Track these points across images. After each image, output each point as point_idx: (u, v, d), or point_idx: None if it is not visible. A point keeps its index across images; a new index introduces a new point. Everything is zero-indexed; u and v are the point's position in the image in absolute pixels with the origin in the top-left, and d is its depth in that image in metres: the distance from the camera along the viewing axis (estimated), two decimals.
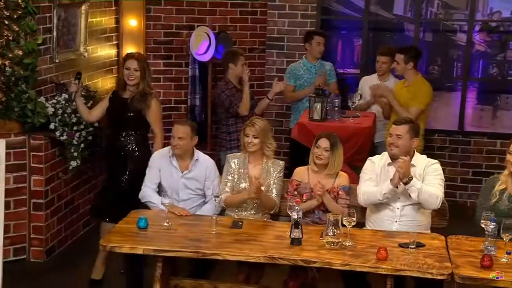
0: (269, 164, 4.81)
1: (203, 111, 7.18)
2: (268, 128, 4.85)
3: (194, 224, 4.39)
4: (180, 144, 4.81)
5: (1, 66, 5.20)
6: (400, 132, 4.49)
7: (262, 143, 4.74)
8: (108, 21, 6.83)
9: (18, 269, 5.40)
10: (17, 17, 5.24)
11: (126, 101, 5.16)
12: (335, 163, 4.65)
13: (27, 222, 5.55)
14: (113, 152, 5.22)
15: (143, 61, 5.20)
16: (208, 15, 7.36)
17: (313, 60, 6.73)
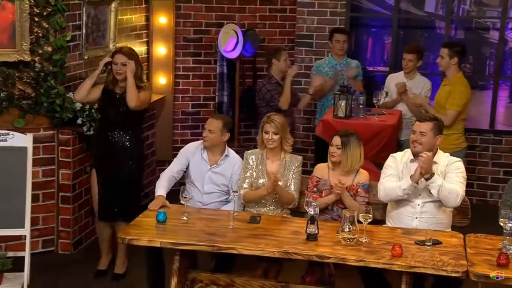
0: (287, 159, 4.84)
1: (230, 108, 7.24)
2: (286, 124, 4.89)
3: (212, 219, 4.44)
4: (209, 137, 4.90)
5: (31, 62, 5.33)
6: (424, 129, 4.47)
7: (282, 139, 4.77)
8: (139, 18, 6.93)
9: (46, 261, 5.53)
10: (47, 14, 5.36)
11: (117, 96, 5.11)
12: (348, 161, 4.64)
13: (55, 215, 5.67)
14: (107, 149, 5.14)
15: (132, 56, 5.09)
16: (237, 13, 7.41)
17: (338, 57, 6.72)
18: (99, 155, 5.26)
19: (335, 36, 6.68)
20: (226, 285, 4.28)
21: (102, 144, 5.18)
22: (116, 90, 5.13)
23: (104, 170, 5.18)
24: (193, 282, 4.32)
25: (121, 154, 5.10)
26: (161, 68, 7.21)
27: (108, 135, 5.12)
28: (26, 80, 5.36)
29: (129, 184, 5.16)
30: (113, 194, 5.13)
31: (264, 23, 7.59)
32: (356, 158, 4.66)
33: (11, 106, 5.34)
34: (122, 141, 5.11)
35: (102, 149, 5.18)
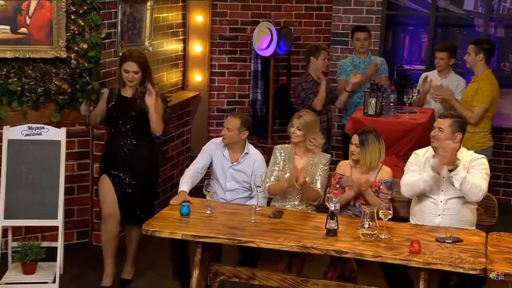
0: (315, 157, 4.86)
1: (264, 106, 7.29)
2: (315, 123, 4.89)
3: (235, 213, 4.50)
4: (227, 135, 4.96)
5: (67, 59, 5.48)
6: (442, 125, 4.46)
7: (305, 136, 4.80)
8: (175, 17, 7.05)
9: (81, 252, 5.68)
10: (83, 12, 5.51)
11: (128, 99, 4.91)
12: (366, 159, 4.64)
13: (89, 208, 5.82)
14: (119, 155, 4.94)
15: (142, 61, 4.86)
16: (273, 11, 7.47)
17: (360, 55, 6.72)
18: (111, 161, 5.01)
19: (356, 34, 6.68)
20: (247, 278, 4.33)
21: (113, 150, 4.99)
22: (124, 93, 4.95)
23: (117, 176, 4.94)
24: (215, 275, 4.39)
25: (134, 160, 4.92)
26: (197, 65, 7.33)
27: (120, 140, 4.94)
28: (62, 76, 5.52)
29: (144, 190, 4.98)
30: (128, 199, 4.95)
31: (300, 21, 7.63)
32: (374, 155, 4.65)
33: (48, 101, 5.50)
34: (134, 146, 4.93)
35: (114, 155, 4.97)
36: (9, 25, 5.31)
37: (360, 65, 6.68)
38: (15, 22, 5.32)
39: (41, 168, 5.06)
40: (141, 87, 4.86)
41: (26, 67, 5.41)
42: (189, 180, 4.86)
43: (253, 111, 7.34)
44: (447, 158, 4.32)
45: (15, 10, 5.31)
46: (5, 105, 5.37)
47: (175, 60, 7.14)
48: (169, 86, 7.01)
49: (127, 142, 4.92)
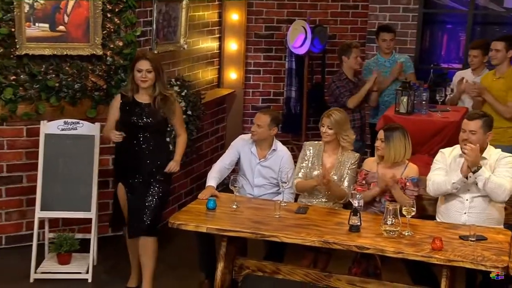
0: (344, 154, 4.90)
1: (298, 103, 7.34)
2: (345, 121, 4.92)
3: (260, 208, 4.57)
4: (257, 131, 5.03)
5: (103, 56, 5.63)
6: (474, 127, 4.41)
7: (337, 134, 4.83)
8: (211, 15, 7.15)
9: (114, 244, 5.78)
10: (119, 10, 5.64)
11: (144, 106, 4.69)
12: (390, 154, 4.65)
13: None
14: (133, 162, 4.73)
15: (156, 61, 4.69)
16: (308, 9, 7.50)
17: (385, 55, 6.72)
18: (124, 168, 4.80)
19: (381, 35, 6.69)
20: (272, 272, 4.39)
21: (127, 157, 4.75)
22: (139, 99, 4.71)
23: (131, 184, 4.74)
24: (240, 268, 4.46)
25: (148, 167, 4.71)
26: (232, 63, 7.42)
27: (135, 147, 4.70)
28: (98, 73, 5.66)
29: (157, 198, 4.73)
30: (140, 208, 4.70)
31: (336, 20, 7.65)
32: (399, 151, 4.66)
33: (84, 97, 5.65)
34: (150, 154, 4.73)
35: (128, 162, 4.75)
36: (48, 23, 5.47)
37: (384, 64, 6.68)
38: (54, 20, 5.48)
39: (76, 162, 5.23)
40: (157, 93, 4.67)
41: (63, 64, 5.57)
42: (217, 175, 4.94)
43: (287, 109, 7.40)
44: (471, 162, 4.30)
45: (53, 9, 5.47)
46: (44, 100, 5.54)
47: (211, 58, 7.24)
48: (204, 84, 7.11)
49: (143, 150, 4.70)
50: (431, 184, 4.51)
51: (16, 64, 5.43)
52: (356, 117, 6.37)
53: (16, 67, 5.43)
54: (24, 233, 5.65)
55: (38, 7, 5.40)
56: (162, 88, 4.69)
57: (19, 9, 5.32)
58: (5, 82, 5.42)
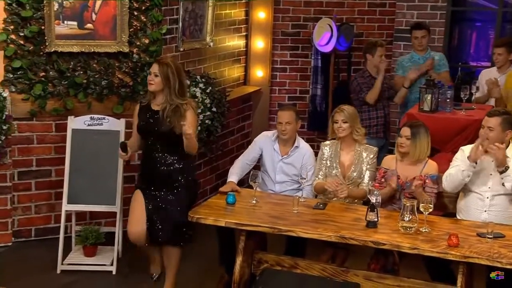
0: (362, 150, 4.92)
1: (323, 101, 7.36)
2: (356, 114, 4.97)
3: (279, 203, 4.61)
4: (287, 129, 5.07)
5: (129, 53, 5.73)
6: (492, 124, 4.41)
7: (352, 128, 4.85)
8: (238, 13, 7.21)
9: None
10: (145, 8, 5.74)
11: (157, 113, 4.58)
12: (417, 151, 4.67)
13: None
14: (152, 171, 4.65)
15: (168, 67, 4.50)
16: (335, 7, 7.52)
17: (419, 52, 6.69)
18: (145, 176, 4.75)
19: (414, 33, 6.69)
20: (290, 267, 4.43)
21: (147, 166, 4.70)
22: (154, 107, 4.62)
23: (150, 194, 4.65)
24: (259, 262, 4.51)
25: (166, 177, 4.60)
26: (258, 61, 7.47)
27: (153, 155, 4.62)
28: (125, 70, 5.77)
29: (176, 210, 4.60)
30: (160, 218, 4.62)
31: (363, 18, 7.65)
32: (424, 148, 4.67)
33: (111, 94, 5.76)
34: (167, 162, 4.60)
35: (148, 170, 4.69)
36: (76, 21, 5.59)
37: (419, 61, 6.66)
38: (82, 18, 5.60)
39: (102, 157, 5.34)
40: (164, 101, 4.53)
41: (91, 61, 5.68)
42: (238, 171, 5.01)
43: (312, 107, 7.43)
44: (499, 161, 4.27)
45: (82, 7, 5.59)
46: (72, 96, 5.66)
47: (237, 56, 7.30)
48: (230, 81, 7.18)
49: (161, 158, 4.59)
50: (445, 179, 4.51)
51: (45, 61, 5.55)
52: (379, 115, 6.38)
53: (45, 64, 5.56)
54: (52, 226, 5.77)
55: (67, 6, 5.52)
56: (171, 97, 4.48)
57: (48, 8, 5.44)
58: (35, 78, 5.55)
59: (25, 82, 5.52)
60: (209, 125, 6.09)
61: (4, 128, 5.32)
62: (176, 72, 4.52)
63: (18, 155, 5.63)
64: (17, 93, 5.52)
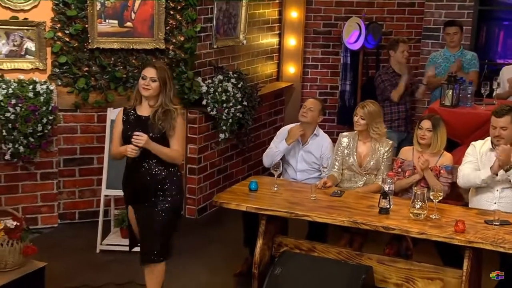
0: (378, 142, 4.96)
1: (352, 96, 7.40)
2: (378, 113, 5.00)
3: (299, 190, 4.71)
4: (308, 114, 5.17)
5: (165, 50, 5.89)
6: (503, 123, 4.38)
7: (368, 125, 4.90)
8: (272, 13, 7.30)
9: None
10: (181, 8, 5.89)
11: (145, 119, 4.13)
12: (438, 142, 4.71)
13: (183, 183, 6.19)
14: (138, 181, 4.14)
15: (164, 71, 4.14)
16: (365, 7, 7.54)
17: (452, 49, 6.65)
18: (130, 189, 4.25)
19: (446, 29, 6.65)
20: (308, 250, 4.51)
21: (132, 176, 4.20)
22: (141, 112, 4.17)
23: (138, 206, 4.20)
24: (279, 245, 4.61)
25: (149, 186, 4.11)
26: (291, 58, 7.55)
27: (139, 164, 4.11)
28: None
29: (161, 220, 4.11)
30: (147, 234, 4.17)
31: (392, 17, 7.65)
32: (444, 139, 4.74)
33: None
34: (153, 172, 4.10)
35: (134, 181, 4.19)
36: (117, 20, 5.77)
37: (450, 58, 6.64)
38: (122, 17, 5.78)
39: None
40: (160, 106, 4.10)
41: (130, 57, 5.85)
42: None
43: (342, 102, 7.48)
44: (503, 161, 4.27)
45: (122, 7, 5.77)
46: (112, 90, 5.84)
47: (271, 53, 7.39)
48: (263, 77, 7.29)
49: (148, 166, 4.10)
50: (461, 177, 4.50)
51: (88, 57, 5.74)
52: (401, 109, 6.42)
53: (88, 59, 5.74)
54: (94, 210, 5.95)
55: (108, 5, 5.70)
56: (165, 101, 4.10)
57: (92, 7, 5.63)
58: (78, 73, 5.75)
59: (70, 76, 5.72)
60: (240, 118, 6.22)
61: (51, 119, 5.54)
62: (171, 77, 4.21)
63: (63, 143, 5.83)
64: (62, 86, 5.73)
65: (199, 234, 5.85)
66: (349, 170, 5.00)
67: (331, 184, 4.76)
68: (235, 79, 6.20)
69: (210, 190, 6.33)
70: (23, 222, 4.60)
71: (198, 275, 5.02)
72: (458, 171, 4.57)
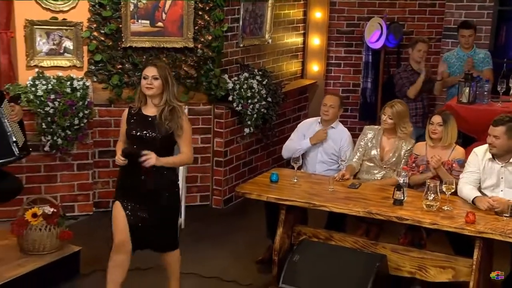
0: (402, 140, 4.99)
1: (373, 93, 7.42)
2: (406, 113, 5.01)
3: (318, 182, 4.76)
4: (329, 111, 5.23)
5: (194, 48, 5.99)
6: (497, 133, 4.33)
7: (396, 125, 4.93)
8: (296, 13, 7.36)
9: (201, 212, 6.18)
10: (209, 8, 5.98)
11: (150, 118, 4.03)
12: (449, 135, 4.73)
13: (210, 175, 6.30)
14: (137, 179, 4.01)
15: (165, 69, 4.03)
16: (387, 8, 7.54)
17: (465, 49, 6.62)
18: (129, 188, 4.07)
19: (461, 31, 6.63)
20: (325, 239, 4.57)
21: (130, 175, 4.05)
22: (145, 111, 4.07)
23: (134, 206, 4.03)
24: (298, 234, 4.67)
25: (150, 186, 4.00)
26: (315, 57, 7.60)
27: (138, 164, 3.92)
28: (190, 63, 6.02)
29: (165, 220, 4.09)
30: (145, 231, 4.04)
31: (413, 17, 7.64)
32: (454, 133, 4.75)
33: (178, 84, 5.96)
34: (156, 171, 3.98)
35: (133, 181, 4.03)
36: (149, 20, 5.89)
37: (463, 58, 6.62)
38: (154, 17, 5.90)
39: None
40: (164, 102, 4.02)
41: (161, 55, 5.96)
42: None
43: (363, 98, 7.51)
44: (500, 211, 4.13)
45: (154, 8, 5.89)
46: None
47: (295, 52, 7.45)
48: (288, 75, 7.35)
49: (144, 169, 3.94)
50: (459, 190, 4.41)
51: (122, 55, 5.87)
52: (419, 106, 6.45)
53: (122, 57, 5.87)
54: None
55: (141, 6, 5.83)
56: (170, 98, 4.01)
57: (125, 8, 5.76)
58: (113, 70, 5.88)
59: (105, 73, 5.86)
60: (264, 113, 6.30)
61: (86, 113, 5.69)
62: (171, 74, 4.12)
63: (98, 136, 5.97)
64: (98, 82, 5.87)
65: (224, 223, 5.96)
66: (370, 161, 5.04)
67: (349, 176, 4.81)
68: (260, 76, 6.27)
69: (235, 182, 6.42)
70: (60, 209, 4.76)
71: (222, 261, 5.13)
72: (460, 178, 4.48)
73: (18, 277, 4.35)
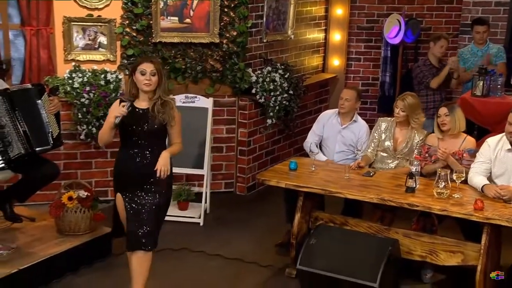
0: (415, 131, 5.02)
1: (392, 87, 7.43)
2: (417, 105, 5.03)
3: (334, 170, 4.83)
4: (345, 105, 5.27)
5: (220, 44, 6.08)
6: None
7: (408, 116, 4.96)
8: (318, 10, 7.40)
9: (226, 198, 6.29)
10: (234, 6, 6.06)
11: (143, 111, 3.99)
12: (457, 124, 4.76)
13: (234, 164, 6.40)
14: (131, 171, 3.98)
15: (159, 64, 4.06)
16: (406, 4, 7.54)
17: (478, 45, 6.60)
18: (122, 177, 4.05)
19: (475, 28, 6.60)
20: (341, 224, 4.64)
21: (125, 166, 4.01)
22: (137, 104, 4.01)
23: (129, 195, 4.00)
24: (316, 219, 4.75)
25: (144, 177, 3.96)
26: (335, 52, 7.64)
27: (135, 156, 3.96)
28: (216, 58, 6.12)
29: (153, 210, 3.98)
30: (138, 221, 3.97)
31: (431, 14, 7.63)
32: (463, 121, 4.78)
33: (204, 77, 6.14)
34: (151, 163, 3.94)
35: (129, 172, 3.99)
36: (177, 17, 6.00)
37: (477, 53, 6.60)
38: (182, 14, 6.00)
39: (193, 129, 5.72)
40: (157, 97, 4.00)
41: (188, 50, 6.07)
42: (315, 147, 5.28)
43: (381, 92, 7.53)
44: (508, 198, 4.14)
45: (182, 5, 5.99)
46: (173, 79, 6.08)
47: (317, 47, 7.50)
48: (310, 69, 7.41)
49: (144, 158, 3.96)
50: (469, 179, 4.42)
51: (152, 50, 5.98)
52: (437, 98, 6.44)
53: (152, 52, 5.98)
54: None
55: (170, 4, 5.94)
56: (162, 92, 4.01)
57: (155, 6, 5.88)
58: None
59: None
60: (286, 105, 6.37)
61: None
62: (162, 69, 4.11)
63: None
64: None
65: (247, 209, 6.06)
66: (384, 152, 5.08)
67: (364, 165, 4.87)
68: (283, 70, 6.34)
69: (258, 170, 6.49)
70: (93, 193, 4.91)
71: (244, 244, 5.24)
72: (470, 168, 4.50)
73: (55, 255, 4.52)
